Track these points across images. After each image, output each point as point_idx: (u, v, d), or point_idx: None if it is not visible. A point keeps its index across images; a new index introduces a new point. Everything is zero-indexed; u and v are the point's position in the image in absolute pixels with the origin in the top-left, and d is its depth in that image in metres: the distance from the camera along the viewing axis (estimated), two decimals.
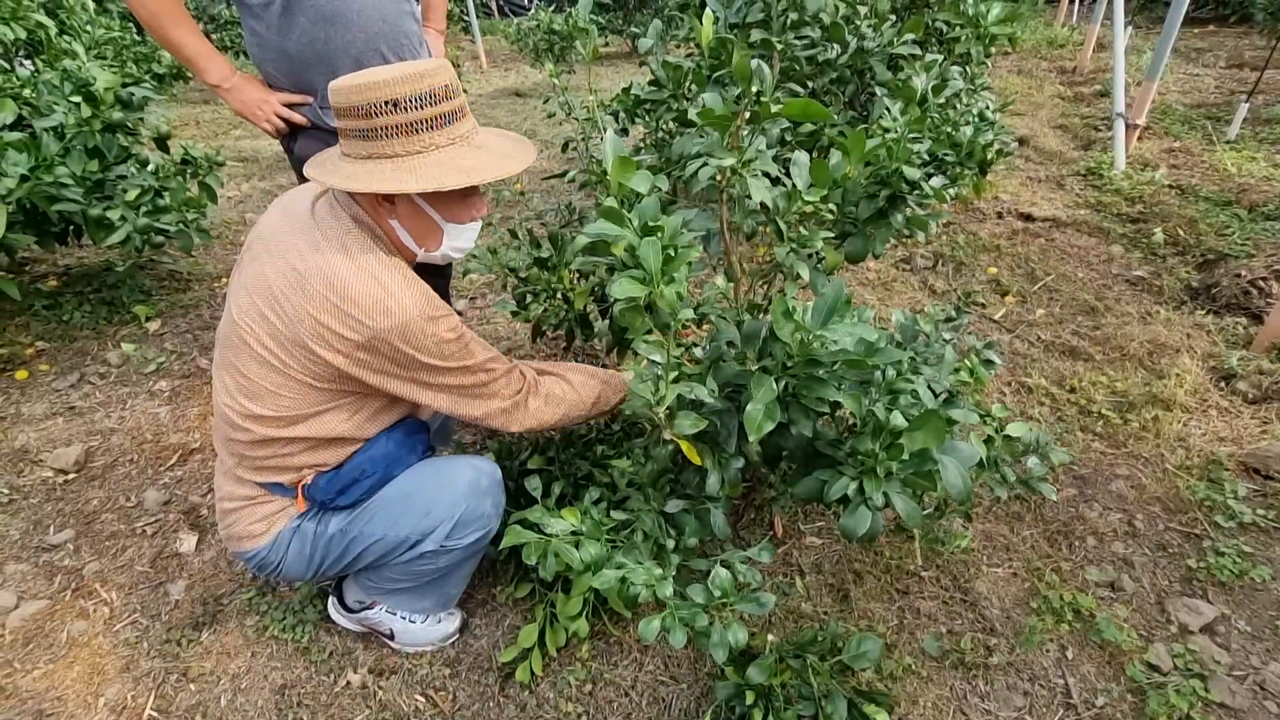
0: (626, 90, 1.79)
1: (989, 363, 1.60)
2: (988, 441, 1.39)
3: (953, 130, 1.55)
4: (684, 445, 1.25)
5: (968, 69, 2.61)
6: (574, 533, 1.18)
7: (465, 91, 5.02)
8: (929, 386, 1.32)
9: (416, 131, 1.06)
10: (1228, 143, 3.86)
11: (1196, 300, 2.55)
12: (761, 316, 1.45)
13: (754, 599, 1.09)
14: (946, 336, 1.59)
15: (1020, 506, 1.74)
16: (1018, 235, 3.12)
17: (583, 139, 1.63)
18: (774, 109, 1.02)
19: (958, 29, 2.59)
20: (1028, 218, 3.28)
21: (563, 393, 1.34)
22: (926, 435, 1.04)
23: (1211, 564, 1.55)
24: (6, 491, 1.92)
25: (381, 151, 1.07)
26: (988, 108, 2.64)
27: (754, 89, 0.99)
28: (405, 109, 1.04)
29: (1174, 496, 1.75)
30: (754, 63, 1.02)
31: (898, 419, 1.01)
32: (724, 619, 1.11)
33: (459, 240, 1.23)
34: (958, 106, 2.53)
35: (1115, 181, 3.51)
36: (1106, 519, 1.71)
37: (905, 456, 1.03)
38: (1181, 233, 2.95)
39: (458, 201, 1.17)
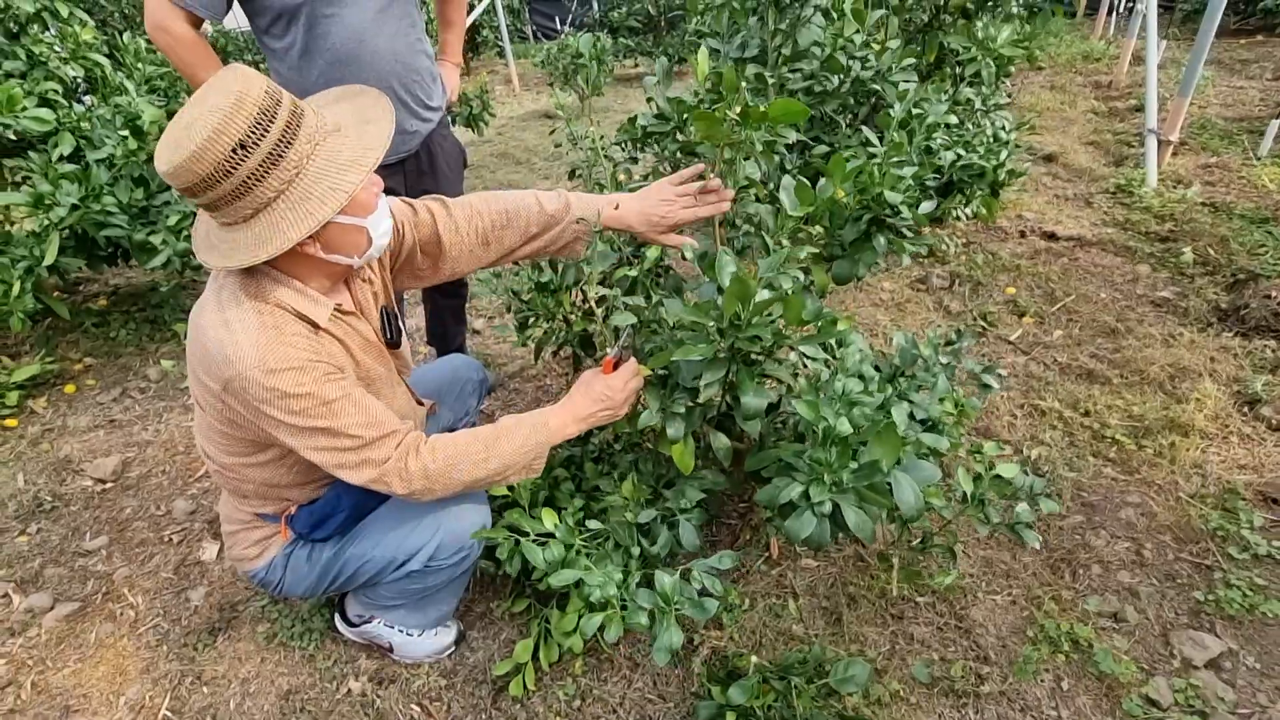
0: (632, 121, 1.85)
1: (986, 386, 1.60)
2: (976, 479, 1.37)
3: (934, 152, 1.56)
4: (675, 453, 1.28)
5: (982, 90, 2.61)
6: (546, 535, 1.22)
7: (494, 115, 5.10)
8: (912, 415, 1.33)
9: (281, 156, 0.96)
10: (1258, 159, 3.73)
11: (1224, 322, 2.47)
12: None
13: (698, 605, 1.11)
14: (944, 360, 1.59)
15: None
16: (1039, 255, 3.06)
17: (589, 166, 1.69)
18: (760, 108, 1.06)
19: (972, 50, 2.59)
20: (1051, 236, 3.22)
21: (451, 443, 1.17)
22: (880, 448, 1.05)
23: (1221, 596, 1.51)
24: (50, 499, 2.06)
25: (263, 198, 0.97)
26: (1003, 128, 2.63)
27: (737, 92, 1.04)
28: (255, 144, 0.93)
29: (1186, 526, 1.70)
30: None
31: (844, 425, 1.02)
32: (669, 622, 1.13)
33: (381, 225, 1.13)
34: (970, 127, 2.53)
35: (1145, 199, 3.43)
36: (1113, 547, 1.67)
37: (854, 465, 1.04)
38: (1212, 252, 2.86)
39: (361, 192, 1.06)
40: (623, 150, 2.16)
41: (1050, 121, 4.88)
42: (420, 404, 1.48)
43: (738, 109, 1.06)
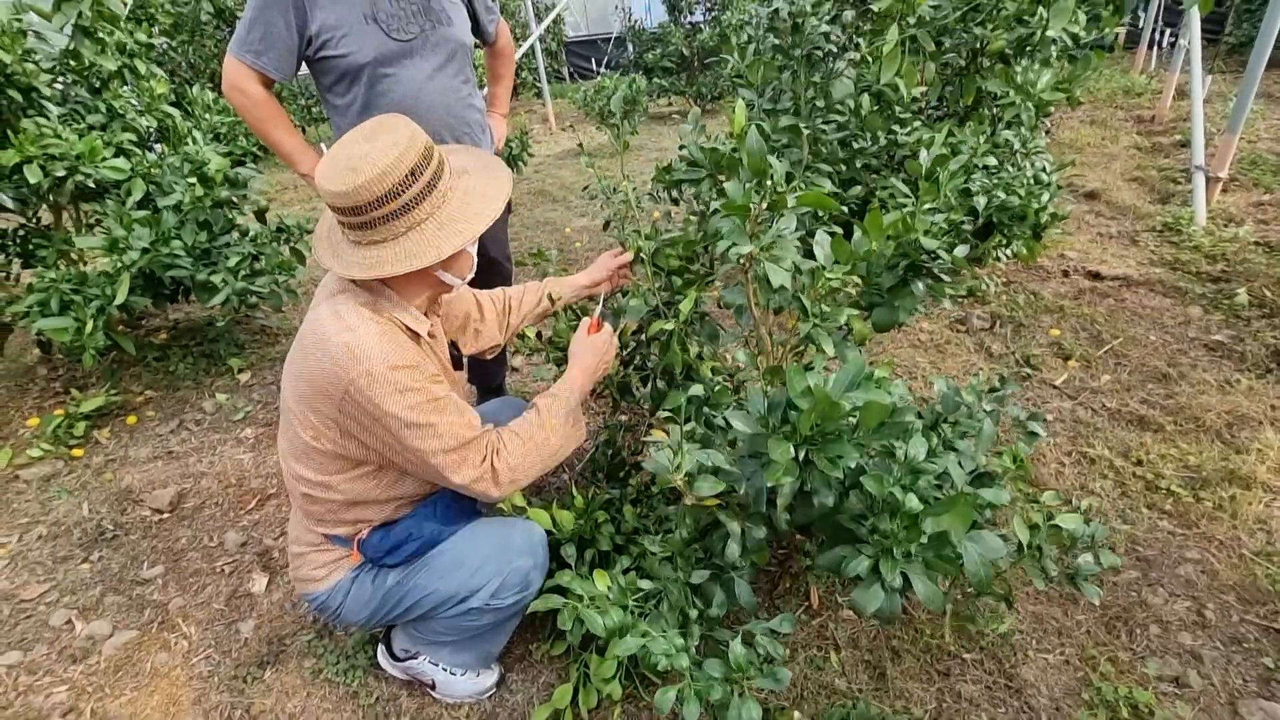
0: (666, 169, 1.90)
1: (1032, 434, 1.57)
2: (1033, 528, 1.35)
3: (972, 195, 1.56)
4: (712, 503, 1.28)
5: (1021, 132, 2.60)
6: (600, 597, 1.23)
7: (532, 155, 5.26)
8: (959, 464, 1.32)
9: (435, 184, 1.15)
10: None
11: None
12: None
13: (771, 674, 1.10)
14: (988, 408, 1.57)
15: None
16: (1084, 295, 3.01)
17: (620, 220, 1.75)
18: (790, 201, 1.09)
19: (1010, 95, 2.59)
20: (1096, 276, 3.16)
21: (515, 436, 1.31)
22: (951, 519, 1.04)
23: None
24: (111, 528, 2.15)
25: (417, 219, 1.13)
26: (1044, 169, 2.61)
27: (768, 183, 1.06)
28: (422, 170, 1.12)
29: (1251, 585, 1.63)
30: (771, 158, 1.10)
31: (913, 501, 1.02)
32: (741, 693, 1.12)
33: (473, 258, 1.31)
34: (1010, 169, 2.52)
35: (1195, 238, 3.35)
36: (1172, 606, 1.60)
37: (924, 539, 1.04)
38: (1268, 293, 2.78)
39: None
40: (656, 199, 2.21)
41: (1091, 157, 4.82)
42: None
43: (763, 204, 1.09)
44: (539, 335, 1.79)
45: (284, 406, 1.30)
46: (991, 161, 2.41)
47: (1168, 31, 7.28)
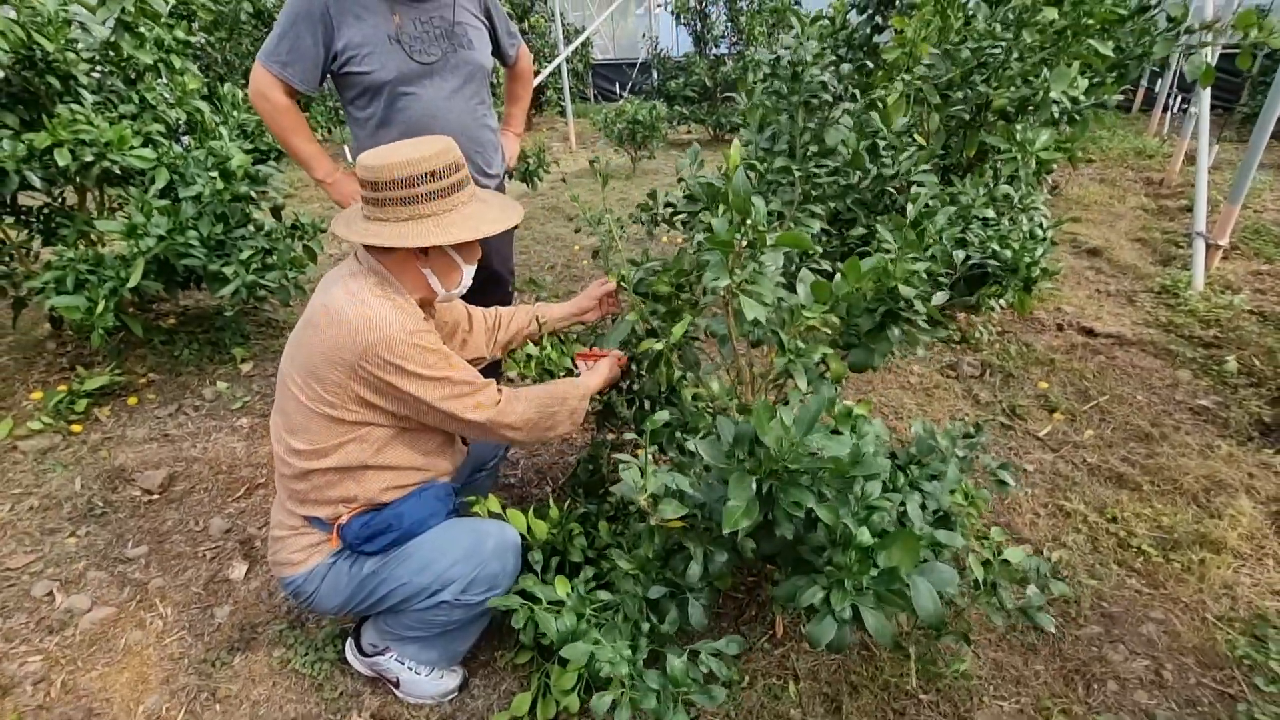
0: (653, 194, 1.97)
1: (1002, 483, 1.60)
2: (985, 565, 1.38)
3: (964, 245, 1.61)
4: (677, 524, 1.32)
5: (1021, 187, 2.67)
6: (557, 603, 1.26)
7: (548, 172, 5.37)
8: (922, 505, 1.36)
9: (448, 194, 1.30)
10: None
11: (1267, 437, 2.41)
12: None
13: (706, 691, 1.13)
14: (960, 453, 1.61)
15: (1036, 638, 1.68)
16: (1076, 350, 3.05)
17: (606, 250, 1.83)
18: (769, 240, 1.14)
19: (1011, 149, 2.67)
20: (1090, 332, 3.20)
21: (528, 392, 1.48)
22: (899, 554, 1.08)
23: None
24: (101, 505, 2.20)
25: (421, 212, 1.29)
26: (1040, 225, 2.67)
27: (749, 222, 1.12)
28: (441, 177, 1.28)
29: (1211, 649, 1.64)
30: (755, 200, 1.16)
31: (864, 534, 1.06)
32: (676, 704, 1.15)
33: (468, 277, 1.44)
34: (1007, 223, 2.58)
35: (1190, 302, 3.39)
36: (1131, 664, 1.62)
37: (874, 572, 1.07)
38: (1258, 362, 2.81)
39: (469, 247, 1.40)
40: (643, 225, 2.27)
41: (1097, 215, 4.89)
42: (464, 444, 1.62)
43: (745, 241, 1.15)
44: (528, 359, 1.84)
45: (283, 381, 1.38)
46: (990, 214, 2.48)
47: (1180, 97, 7.39)
